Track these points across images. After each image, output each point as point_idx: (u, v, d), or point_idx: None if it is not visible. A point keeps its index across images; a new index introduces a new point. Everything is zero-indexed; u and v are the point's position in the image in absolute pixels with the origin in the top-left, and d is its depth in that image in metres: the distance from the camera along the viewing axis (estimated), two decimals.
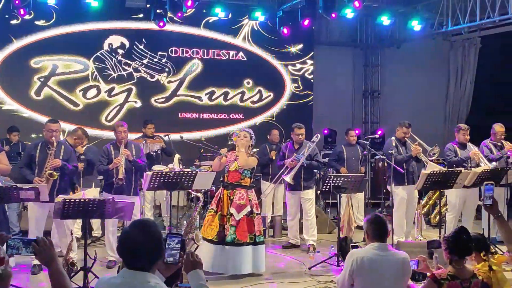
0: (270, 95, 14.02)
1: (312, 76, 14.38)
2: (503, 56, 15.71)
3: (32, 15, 11.88)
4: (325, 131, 13.72)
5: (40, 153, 7.44)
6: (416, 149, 8.73)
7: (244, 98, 13.81)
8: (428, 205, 10.80)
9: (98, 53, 12.56)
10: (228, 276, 7.27)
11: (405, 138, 8.99)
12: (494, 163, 8.95)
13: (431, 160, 8.95)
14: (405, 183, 8.80)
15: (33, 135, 11.75)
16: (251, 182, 7.51)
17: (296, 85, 14.25)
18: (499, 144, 9.17)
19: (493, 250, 7.11)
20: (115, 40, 12.69)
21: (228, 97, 13.68)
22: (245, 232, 7.21)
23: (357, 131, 11.35)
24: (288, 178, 8.56)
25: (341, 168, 10.11)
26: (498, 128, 9.35)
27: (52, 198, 7.01)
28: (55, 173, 7.27)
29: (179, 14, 11.62)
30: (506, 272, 5.05)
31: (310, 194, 9.02)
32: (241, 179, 7.38)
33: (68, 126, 11.48)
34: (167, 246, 3.16)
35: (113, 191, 7.72)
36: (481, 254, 4.54)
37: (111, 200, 6.50)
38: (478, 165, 8.82)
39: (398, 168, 8.71)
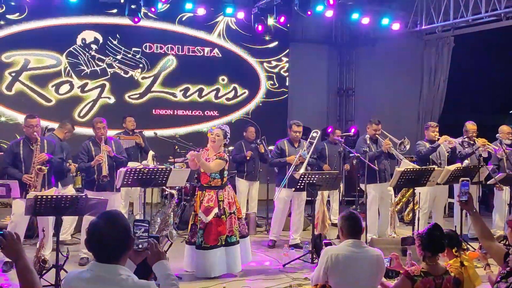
0: (245, 92, 14.00)
1: (287, 73, 14.41)
2: (476, 56, 15.90)
3: (4, 9, 11.69)
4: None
5: (24, 150, 7.38)
6: (386, 144, 8.79)
7: (219, 95, 13.76)
8: (401, 203, 10.88)
9: (71, 48, 12.41)
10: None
11: (376, 135, 9.05)
12: (466, 161, 9.07)
13: (404, 155, 8.99)
14: (377, 181, 8.88)
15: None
16: (224, 182, 7.27)
17: (272, 82, 14.25)
18: (471, 142, 9.28)
19: (465, 247, 7.18)
20: (89, 35, 12.55)
21: (203, 94, 13.62)
22: (213, 235, 7.05)
23: (329, 129, 11.39)
24: (302, 170, 8.34)
25: (324, 165, 10.14)
26: (470, 126, 9.49)
27: None
28: (44, 167, 7.21)
29: (153, 10, 11.51)
30: (478, 269, 5.12)
31: (305, 193, 8.89)
32: (210, 181, 7.20)
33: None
34: (135, 235, 3.16)
35: (95, 188, 7.66)
36: (453, 250, 4.59)
37: (84, 196, 6.43)
38: (450, 162, 8.97)
39: (371, 165, 8.77)
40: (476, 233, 4.07)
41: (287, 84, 14.44)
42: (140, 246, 3.20)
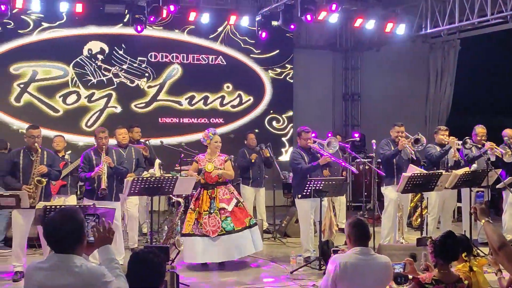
0: (250, 99, 13.99)
1: (292, 80, 14.38)
2: (482, 58, 15.84)
3: (12, 24, 11.80)
4: None
5: (24, 160, 7.39)
6: (402, 142, 8.58)
7: (224, 103, 13.76)
8: (409, 208, 10.81)
9: (77, 59, 12.48)
10: (211, 277, 7.46)
11: (399, 138, 8.79)
12: (474, 165, 8.97)
13: (418, 150, 8.78)
14: (395, 183, 8.49)
15: None
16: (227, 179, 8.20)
17: (278, 89, 14.21)
18: (479, 145, 9.15)
19: (475, 253, 7.12)
20: (95, 46, 12.61)
21: (208, 102, 13.63)
22: (241, 219, 7.90)
23: (329, 134, 11.25)
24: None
25: (324, 170, 10.07)
26: (479, 129, 9.33)
27: None
28: (43, 179, 7.25)
29: (152, 19, 11.33)
30: (489, 274, 5.07)
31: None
32: (219, 178, 8.01)
33: (48, 132, 11.36)
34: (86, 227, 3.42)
35: (94, 197, 7.63)
36: (463, 255, 4.54)
37: (92, 206, 6.42)
38: (458, 164, 8.86)
39: (378, 170, 8.71)
40: (490, 245, 3.94)
41: (293, 90, 14.42)
42: (91, 238, 3.45)
